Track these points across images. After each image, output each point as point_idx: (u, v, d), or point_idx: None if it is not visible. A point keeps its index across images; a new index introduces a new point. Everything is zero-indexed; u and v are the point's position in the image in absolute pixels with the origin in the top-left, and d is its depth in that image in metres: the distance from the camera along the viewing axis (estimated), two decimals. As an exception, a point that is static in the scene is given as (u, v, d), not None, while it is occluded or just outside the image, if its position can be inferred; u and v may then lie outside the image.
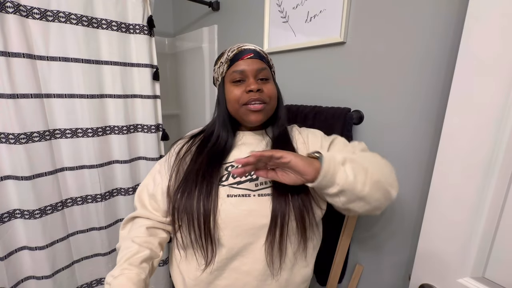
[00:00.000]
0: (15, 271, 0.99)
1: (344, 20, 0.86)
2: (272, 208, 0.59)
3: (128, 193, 1.19)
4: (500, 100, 0.50)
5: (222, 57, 0.68)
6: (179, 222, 0.62)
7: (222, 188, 0.62)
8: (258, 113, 0.64)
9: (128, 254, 0.60)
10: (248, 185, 0.63)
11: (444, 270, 0.62)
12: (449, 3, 0.67)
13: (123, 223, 0.71)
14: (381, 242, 0.90)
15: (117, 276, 0.56)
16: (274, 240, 0.59)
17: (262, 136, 0.71)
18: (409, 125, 0.78)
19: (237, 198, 0.61)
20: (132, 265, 0.59)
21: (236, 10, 1.29)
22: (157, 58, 1.16)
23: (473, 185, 0.55)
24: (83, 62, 1.00)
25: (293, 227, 0.60)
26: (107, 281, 0.57)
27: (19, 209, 0.96)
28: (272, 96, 0.66)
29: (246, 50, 0.65)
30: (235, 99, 0.64)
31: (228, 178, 0.64)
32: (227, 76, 0.66)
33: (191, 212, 0.59)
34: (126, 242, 0.64)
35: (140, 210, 0.70)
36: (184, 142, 0.73)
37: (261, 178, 0.62)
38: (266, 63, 0.67)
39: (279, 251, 0.60)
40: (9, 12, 0.83)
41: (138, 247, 0.62)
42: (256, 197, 0.61)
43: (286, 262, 0.63)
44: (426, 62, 0.73)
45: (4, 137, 0.89)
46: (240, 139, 0.70)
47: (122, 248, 0.64)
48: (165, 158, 0.72)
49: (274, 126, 0.71)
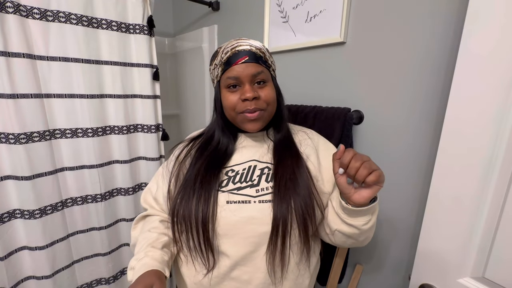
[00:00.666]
0: (15, 271, 0.99)
1: (344, 20, 0.86)
2: (273, 215, 0.57)
3: (128, 193, 1.19)
4: (500, 100, 0.50)
5: (216, 58, 0.63)
6: (179, 228, 0.61)
7: (222, 194, 0.60)
8: (255, 121, 0.61)
9: (150, 240, 0.60)
10: (248, 191, 0.60)
11: (444, 270, 0.62)
12: (449, 3, 0.67)
13: (134, 223, 0.70)
14: (381, 242, 0.90)
15: (142, 258, 0.56)
16: (276, 248, 0.57)
17: (264, 139, 0.69)
18: (409, 125, 0.78)
19: (237, 204, 0.59)
20: (155, 248, 0.59)
21: (236, 10, 1.29)
22: (157, 58, 1.16)
23: (473, 185, 0.55)
24: (83, 62, 1.00)
25: (295, 235, 0.58)
26: (131, 265, 0.56)
27: (19, 209, 0.96)
28: (269, 101, 0.62)
29: (240, 52, 0.60)
30: (231, 107, 0.61)
31: (228, 183, 0.61)
32: (222, 80, 0.63)
33: (189, 219, 0.58)
34: (143, 234, 0.64)
35: (150, 210, 0.70)
36: (183, 145, 0.72)
37: (262, 183, 0.61)
38: (264, 63, 0.62)
39: (281, 261, 0.58)
40: (9, 12, 0.83)
41: (157, 234, 0.62)
42: (257, 203, 0.59)
43: (289, 272, 0.60)
44: (426, 62, 0.73)
45: (4, 137, 0.89)
46: (241, 142, 0.68)
47: (140, 239, 0.63)
48: (167, 162, 0.72)
49: (276, 128, 0.69)
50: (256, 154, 0.66)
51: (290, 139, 0.67)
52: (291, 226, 0.56)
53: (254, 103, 0.60)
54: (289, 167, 0.61)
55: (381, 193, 0.86)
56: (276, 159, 0.63)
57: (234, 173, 0.63)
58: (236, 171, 0.63)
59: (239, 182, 0.62)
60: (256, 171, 0.63)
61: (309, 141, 0.69)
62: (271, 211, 0.57)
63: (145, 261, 0.55)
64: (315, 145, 0.68)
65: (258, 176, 0.62)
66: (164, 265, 0.56)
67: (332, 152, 0.67)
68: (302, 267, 0.63)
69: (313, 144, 0.68)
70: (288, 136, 0.68)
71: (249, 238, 0.58)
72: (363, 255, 0.96)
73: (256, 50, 0.62)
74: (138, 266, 0.54)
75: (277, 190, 0.58)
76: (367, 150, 0.88)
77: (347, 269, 0.97)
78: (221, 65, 0.62)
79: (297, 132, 0.71)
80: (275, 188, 0.59)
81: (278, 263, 0.58)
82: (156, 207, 0.69)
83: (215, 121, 0.69)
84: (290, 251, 0.59)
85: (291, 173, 0.60)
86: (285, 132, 0.68)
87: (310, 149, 0.67)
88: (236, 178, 0.62)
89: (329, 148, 0.70)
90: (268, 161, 0.65)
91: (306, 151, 0.66)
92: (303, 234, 0.58)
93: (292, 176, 0.60)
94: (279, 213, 0.56)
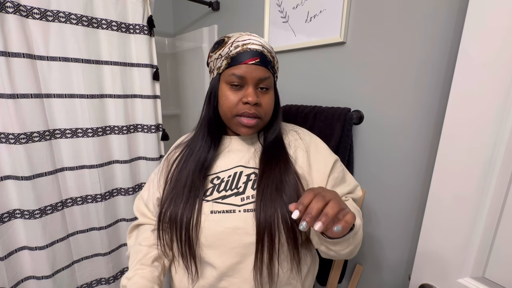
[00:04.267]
0: (15, 271, 0.99)
1: (344, 20, 0.86)
2: (256, 225, 0.54)
3: (128, 193, 1.19)
4: (500, 100, 0.50)
5: (223, 49, 0.58)
6: (164, 229, 0.61)
7: (206, 204, 0.58)
8: (249, 128, 0.59)
9: (139, 256, 0.61)
10: (233, 200, 0.58)
11: (444, 270, 0.62)
12: (449, 3, 0.67)
13: (128, 232, 0.72)
14: (381, 242, 0.90)
15: (131, 277, 0.57)
16: (262, 259, 0.54)
17: (252, 142, 0.66)
18: (410, 125, 0.78)
19: (221, 214, 0.56)
20: (144, 264, 0.59)
21: (236, 10, 1.29)
22: (157, 58, 1.16)
23: (473, 185, 0.55)
24: (83, 62, 1.00)
25: (282, 243, 0.55)
26: (122, 283, 0.58)
27: (19, 209, 0.96)
28: (268, 111, 0.60)
29: (252, 51, 0.56)
30: (229, 107, 0.58)
31: (213, 192, 0.59)
32: (224, 74, 0.59)
33: (175, 222, 0.57)
34: (134, 247, 0.65)
35: (141, 218, 0.70)
36: (172, 150, 0.71)
37: (248, 191, 0.58)
38: (271, 69, 0.59)
39: (269, 273, 0.55)
40: (9, 12, 0.83)
41: (147, 248, 0.62)
42: (241, 213, 0.56)
43: (278, 284, 0.57)
44: (426, 62, 0.73)
45: (4, 137, 0.89)
46: (226, 145, 0.65)
47: (131, 253, 0.64)
48: (158, 168, 0.72)
49: (266, 131, 0.65)
50: (243, 159, 0.63)
51: (280, 143, 0.64)
52: (278, 236, 0.54)
53: (254, 108, 0.57)
54: (276, 173, 0.58)
55: (381, 193, 0.86)
56: (262, 165, 0.60)
57: (219, 180, 0.61)
58: (222, 178, 0.61)
59: (224, 190, 0.59)
60: (242, 178, 0.61)
61: (300, 142, 0.65)
62: (255, 220, 0.55)
63: (134, 280, 0.56)
64: (306, 147, 0.65)
65: (244, 183, 0.60)
66: (154, 283, 0.57)
67: (324, 155, 0.64)
68: (292, 278, 0.60)
69: (304, 146, 0.65)
70: (279, 140, 0.64)
71: (235, 249, 0.56)
72: (363, 255, 0.96)
73: (267, 53, 0.59)
74: (129, 285, 0.56)
75: (260, 199, 0.55)
76: (367, 150, 0.88)
77: (347, 269, 0.97)
78: (227, 58, 0.57)
79: (288, 132, 0.68)
80: (257, 197, 0.56)
81: (266, 275, 0.55)
82: (148, 215, 0.69)
83: (202, 119, 0.66)
84: (279, 262, 0.56)
85: (278, 180, 0.57)
86: (276, 136, 0.64)
87: (299, 151, 0.63)
88: (221, 186, 0.60)
89: (320, 150, 0.66)
90: (255, 166, 0.62)
91: (295, 153, 0.63)
92: (291, 244, 0.55)
93: (278, 184, 0.57)
94: (262, 222, 0.53)
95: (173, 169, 0.65)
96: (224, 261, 0.56)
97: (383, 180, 0.86)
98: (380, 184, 0.86)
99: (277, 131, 0.65)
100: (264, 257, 0.54)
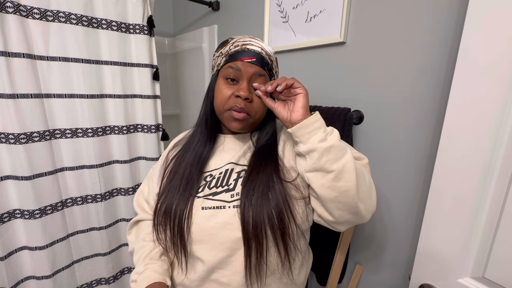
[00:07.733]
0: (15, 271, 0.99)
1: (344, 20, 0.86)
2: (241, 220, 0.55)
3: (128, 193, 1.19)
4: (500, 100, 0.50)
5: (224, 48, 0.62)
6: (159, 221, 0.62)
7: (197, 200, 0.60)
8: (239, 121, 0.60)
9: (147, 251, 0.63)
10: (224, 196, 0.59)
11: (444, 270, 0.62)
12: (449, 3, 0.67)
13: (128, 228, 0.73)
14: (381, 242, 0.90)
15: (143, 271, 0.59)
16: (250, 253, 0.55)
17: (245, 142, 0.67)
18: (409, 125, 0.78)
19: (211, 210, 0.58)
20: (153, 259, 0.61)
21: (236, 10, 1.29)
22: (157, 58, 1.16)
23: (473, 185, 0.55)
24: (83, 62, 1.00)
25: (270, 237, 0.56)
26: (132, 278, 0.59)
27: (19, 209, 0.96)
28: (258, 110, 0.61)
29: (250, 51, 0.59)
30: (221, 100, 0.60)
31: (204, 189, 0.61)
32: (222, 70, 0.61)
33: (169, 214, 0.59)
34: (139, 243, 0.66)
35: (141, 214, 0.72)
36: (171, 147, 0.73)
37: (238, 188, 0.59)
38: (268, 71, 0.61)
39: (257, 266, 0.56)
40: (9, 12, 0.83)
41: (152, 243, 0.64)
42: (231, 208, 0.58)
43: (268, 280, 0.59)
44: (426, 62, 0.73)
45: (4, 137, 0.89)
46: (221, 144, 0.67)
47: (137, 249, 0.66)
48: (157, 164, 0.73)
49: (260, 131, 0.66)
50: (235, 157, 0.64)
51: (273, 144, 0.64)
52: (264, 228, 0.55)
53: (244, 104, 0.58)
54: (264, 171, 0.59)
55: (381, 193, 0.86)
56: (252, 164, 0.62)
57: (211, 177, 0.62)
58: (213, 175, 0.63)
59: (215, 187, 0.61)
60: (232, 175, 0.62)
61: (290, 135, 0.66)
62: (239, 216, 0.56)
63: (146, 274, 0.58)
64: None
65: (235, 180, 0.61)
66: (165, 275, 0.60)
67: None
68: (284, 274, 0.60)
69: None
70: (272, 142, 0.65)
71: (225, 244, 0.57)
72: (363, 255, 0.96)
73: (265, 55, 0.61)
74: (140, 279, 0.57)
75: (244, 195, 0.57)
76: (367, 150, 0.88)
77: (347, 269, 0.97)
78: (226, 56, 0.61)
79: (282, 131, 0.68)
80: (242, 193, 0.57)
81: (255, 266, 0.56)
82: (148, 210, 0.71)
83: (201, 115, 0.67)
84: (268, 253, 0.57)
85: (266, 179, 0.58)
86: (269, 139, 0.65)
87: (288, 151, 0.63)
88: (212, 183, 0.62)
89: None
90: (246, 164, 0.63)
91: (286, 152, 0.63)
92: (278, 234, 0.56)
93: (266, 182, 0.57)
94: (246, 218, 0.55)
95: (172, 164, 0.67)
96: (215, 255, 0.58)
97: (383, 180, 0.86)
98: (380, 184, 0.86)
99: (270, 134, 0.65)
100: (252, 250, 0.56)
